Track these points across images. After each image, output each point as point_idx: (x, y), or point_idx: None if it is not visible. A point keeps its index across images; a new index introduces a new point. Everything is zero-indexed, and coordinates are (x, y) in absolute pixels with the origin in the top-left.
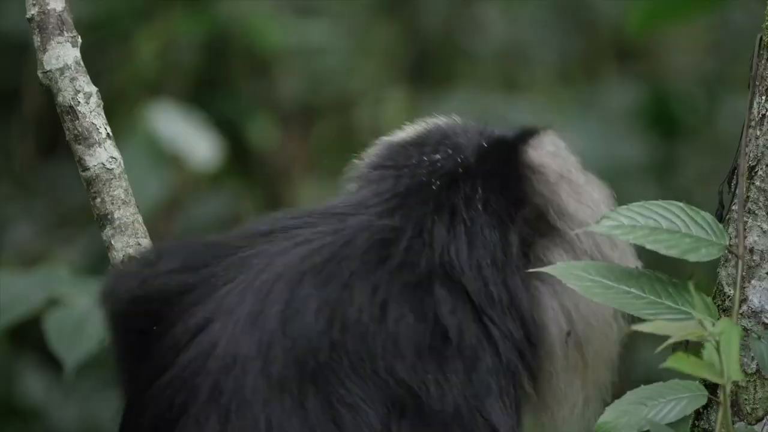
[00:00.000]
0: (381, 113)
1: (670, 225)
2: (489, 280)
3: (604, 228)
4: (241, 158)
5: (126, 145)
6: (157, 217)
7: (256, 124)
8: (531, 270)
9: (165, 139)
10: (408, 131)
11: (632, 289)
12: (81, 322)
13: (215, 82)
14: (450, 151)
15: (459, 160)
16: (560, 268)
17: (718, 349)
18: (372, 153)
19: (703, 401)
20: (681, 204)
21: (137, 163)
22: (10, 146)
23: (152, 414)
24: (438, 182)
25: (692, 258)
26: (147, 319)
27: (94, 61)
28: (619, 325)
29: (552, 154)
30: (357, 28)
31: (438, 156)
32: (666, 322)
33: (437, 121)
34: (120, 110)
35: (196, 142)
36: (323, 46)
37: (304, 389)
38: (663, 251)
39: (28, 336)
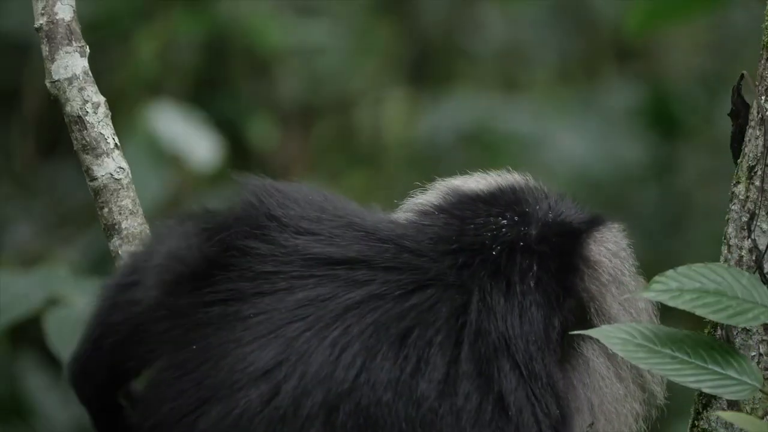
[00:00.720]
0: (381, 113)
1: (717, 288)
2: (535, 358)
3: (652, 294)
4: (241, 158)
5: (126, 145)
6: (157, 217)
7: (256, 124)
8: (573, 332)
9: (165, 139)
10: (481, 182)
11: (677, 354)
12: (81, 322)
13: (215, 82)
14: (516, 219)
15: (522, 231)
16: (605, 330)
17: None
18: (440, 193)
19: None
20: (725, 266)
21: (137, 163)
22: (10, 146)
23: None
24: (499, 248)
25: (741, 323)
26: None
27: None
28: (639, 428)
29: (611, 253)
30: (357, 28)
31: (504, 221)
32: (747, 417)
33: (512, 178)
34: (120, 110)
35: (196, 142)
36: (323, 46)
37: None
38: (711, 316)
39: (28, 336)
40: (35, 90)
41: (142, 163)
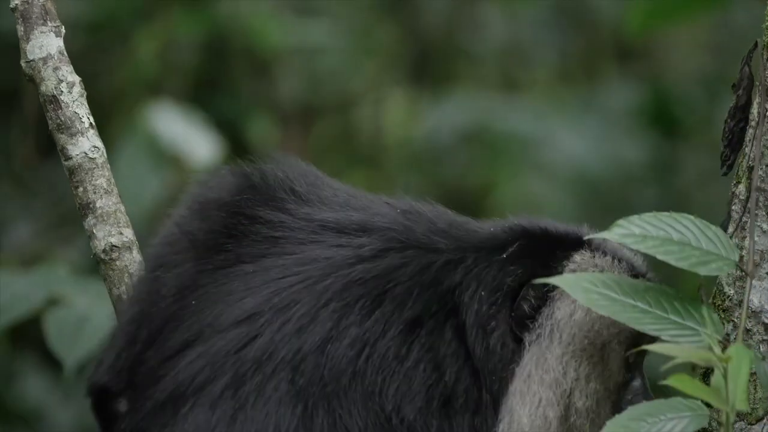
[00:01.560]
0: (381, 113)
1: (681, 237)
2: (488, 323)
3: (615, 236)
4: (241, 158)
5: (126, 145)
6: (156, 217)
7: (256, 124)
8: (538, 281)
9: (165, 139)
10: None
11: (639, 303)
12: (81, 322)
13: (215, 82)
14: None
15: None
16: (568, 278)
17: (725, 376)
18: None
19: (705, 421)
20: (691, 217)
21: (137, 163)
22: (10, 146)
23: (170, 383)
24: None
25: (702, 271)
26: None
27: (94, 61)
28: None
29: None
30: (357, 28)
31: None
32: (674, 344)
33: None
34: (120, 110)
35: (196, 142)
36: (323, 46)
37: (317, 405)
38: (673, 262)
39: (28, 336)
40: (35, 90)
41: (142, 163)
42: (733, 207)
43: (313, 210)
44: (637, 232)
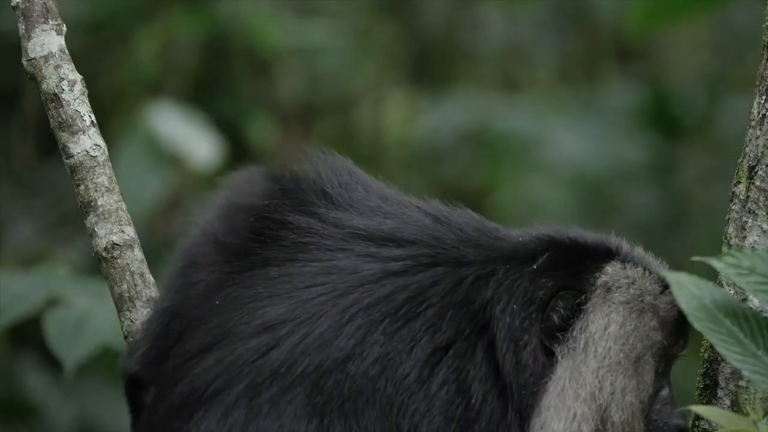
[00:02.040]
0: (381, 113)
1: None
2: (518, 344)
3: (722, 265)
4: (241, 158)
5: (126, 145)
6: (157, 217)
7: (256, 124)
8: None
9: (165, 139)
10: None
11: (734, 328)
12: (81, 322)
13: (215, 82)
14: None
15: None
16: (680, 276)
17: None
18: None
19: None
20: None
21: (137, 163)
22: (10, 146)
23: (187, 387)
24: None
25: None
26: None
27: (94, 61)
28: None
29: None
30: (357, 28)
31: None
32: (719, 410)
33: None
34: (120, 110)
35: (196, 142)
36: (323, 46)
37: (333, 422)
38: (766, 305)
39: (28, 336)
40: (35, 90)
41: (142, 163)
42: (733, 207)
43: (344, 215)
44: (745, 265)
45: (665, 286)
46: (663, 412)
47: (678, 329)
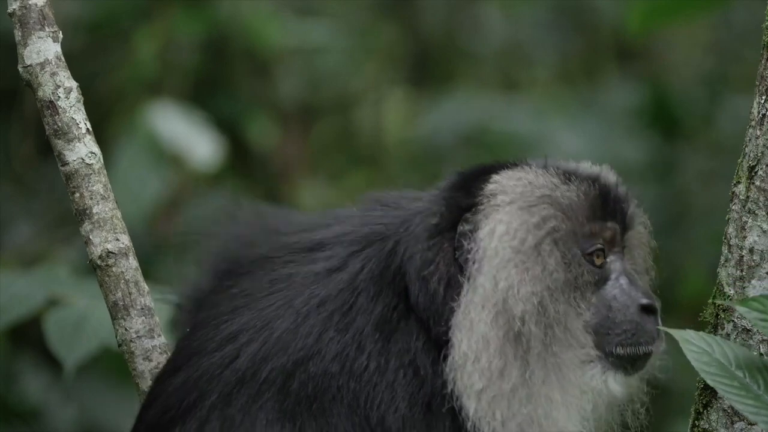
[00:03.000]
0: (381, 113)
1: None
2: (437, 308)
3: (744, 309)
4: (241, 158)
5: (126, 145)
6: (157, 217)
7: (256, 124)
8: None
9: (165, 139)
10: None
11: (748, 380)
12: (81, 322)
13: (215, 82)
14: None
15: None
16: (687, 334)
17: None
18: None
19: None
20: None
21: (137, 163)
22: (10, 146)
23: (160, 407)
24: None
25: None
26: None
27: (94, 61)
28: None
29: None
30: (357, 28)
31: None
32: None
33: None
34: (120, 110)
35: (196, 141)
36: (323, 46)
37: (304, 423)
38: None
39: (28, 336)
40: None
41: (142, 163)
42: (733, 207)
43: (288, 237)
44: None
45: (568, 178)
46: (620, 299)
47: (592, 214)
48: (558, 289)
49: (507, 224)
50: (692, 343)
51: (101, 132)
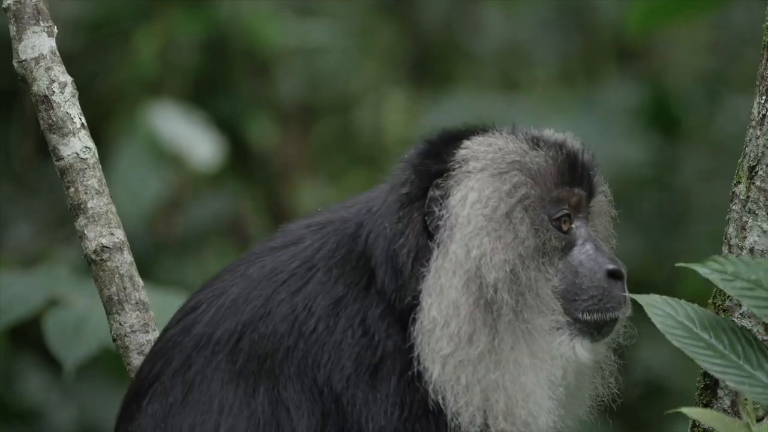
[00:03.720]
0: (381, 113)
1: None
2: (403, 270)
3: (706, 270)
4: (241, 158)
5: (126, 145)
6: (157, 217)
7: (256, 124)
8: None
9: (165, 138)
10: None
11: (713, 341)
12: (81, 322)
13: (215, 82)
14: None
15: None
16: (651, 298)
17: None
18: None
19: None
20: None
21: (137, 163)
22: (10, 146)
23: (138, 379)
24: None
25: None
26: None
27: (94, 61)
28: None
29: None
30: (357, 28)
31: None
32: (714, 413)
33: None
34: (120, 110)
35: (196, 141)
36: (323, 46)
37: (257, 383)
38: (754, 309)
39: (28, 336)
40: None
41: (142, 162)
42: (733, 207)
43: (267, 244)
44: (729, 271)
45: (536, 144)
46: (587, 265)
47: (560, 179)
48: (529, 256)
49: (479, 192)
50: (657, 307)
51: (101, 132)
